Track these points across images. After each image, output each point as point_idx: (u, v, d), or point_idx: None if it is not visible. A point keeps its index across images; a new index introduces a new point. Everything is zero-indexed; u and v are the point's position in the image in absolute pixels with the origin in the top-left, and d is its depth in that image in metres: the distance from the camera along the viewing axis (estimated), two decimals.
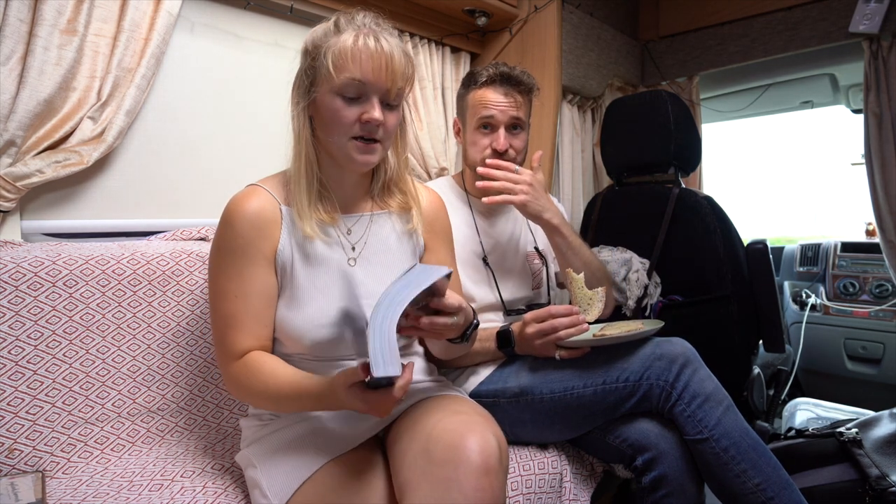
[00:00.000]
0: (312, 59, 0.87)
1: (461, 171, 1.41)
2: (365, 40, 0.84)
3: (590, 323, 1.11)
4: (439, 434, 0.75)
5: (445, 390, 0.98)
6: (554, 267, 1.43)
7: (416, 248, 1.01)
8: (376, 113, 0.85)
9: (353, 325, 0.75)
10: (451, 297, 0.79)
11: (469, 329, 0.88)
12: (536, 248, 1.38)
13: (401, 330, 0.72)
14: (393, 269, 0.95)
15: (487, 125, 1.26)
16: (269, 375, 0.83)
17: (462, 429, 0.74)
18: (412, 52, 1.69)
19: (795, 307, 2.50)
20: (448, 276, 0.76)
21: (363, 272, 0.93)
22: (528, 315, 1.11)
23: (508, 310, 1.29)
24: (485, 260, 1.28)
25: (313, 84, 0.87)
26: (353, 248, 0.95)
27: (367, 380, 0.69)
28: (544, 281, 1.37)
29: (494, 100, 1.24)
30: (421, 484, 0.71)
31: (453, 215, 1.13)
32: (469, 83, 1.29)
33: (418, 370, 1.01)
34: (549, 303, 1.42)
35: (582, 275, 1.18)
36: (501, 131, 1.25)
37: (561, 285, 1.42)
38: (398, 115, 0.91)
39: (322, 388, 0.77)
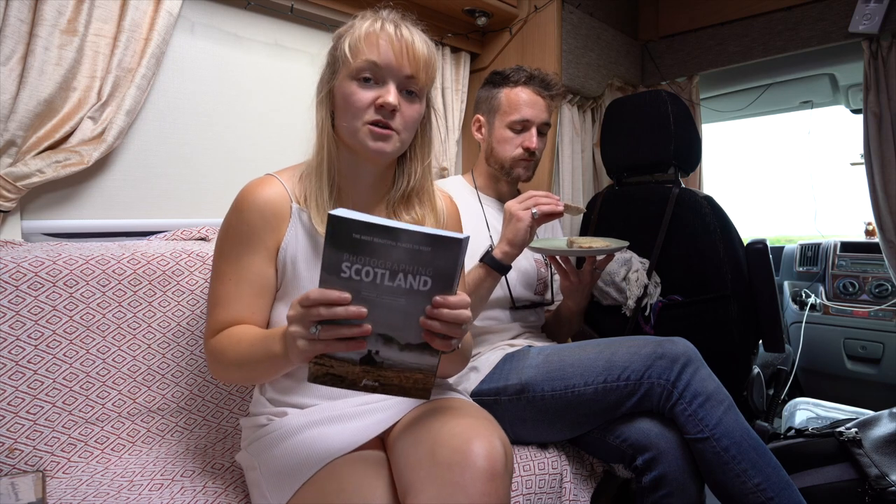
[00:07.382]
0: (334, 49, 0.88)
1: (471, 170, 1.41)
2: (384, 24, 0.84)
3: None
4: (445, 437, 0.74)
5: (447, 393, 0.98)
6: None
7: None
8: (391, 97, 0.83)
9: None
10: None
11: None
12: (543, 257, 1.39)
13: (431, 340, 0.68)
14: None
15: (522, 127, 1.28)
16: (239, 334, 0.84)
17: (468, 433, 0.74)
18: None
19: (795, 307, 2.50)
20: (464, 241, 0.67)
21: None
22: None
23: (516, 305, 1.29)
24: None
25: (334, 74, 0.88)
26: None
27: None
28: (549, 286, 1.38)
29: (531, 101, 1.28)
30: (426, 486, 0.71)
31: (465, 213, 1.13)
32: (501, 82, 1.31)
33: None
34: (552, 302, 1.43)
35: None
36: (534, 131, 1.29)
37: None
38: (419, 107, 0.89)
39: (277, 332, 0.76)
